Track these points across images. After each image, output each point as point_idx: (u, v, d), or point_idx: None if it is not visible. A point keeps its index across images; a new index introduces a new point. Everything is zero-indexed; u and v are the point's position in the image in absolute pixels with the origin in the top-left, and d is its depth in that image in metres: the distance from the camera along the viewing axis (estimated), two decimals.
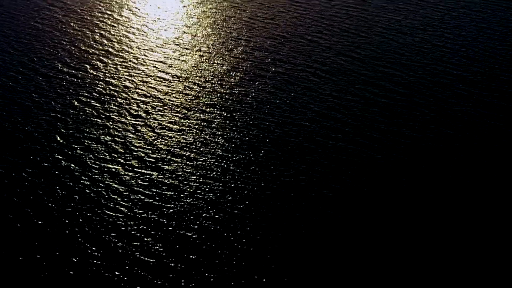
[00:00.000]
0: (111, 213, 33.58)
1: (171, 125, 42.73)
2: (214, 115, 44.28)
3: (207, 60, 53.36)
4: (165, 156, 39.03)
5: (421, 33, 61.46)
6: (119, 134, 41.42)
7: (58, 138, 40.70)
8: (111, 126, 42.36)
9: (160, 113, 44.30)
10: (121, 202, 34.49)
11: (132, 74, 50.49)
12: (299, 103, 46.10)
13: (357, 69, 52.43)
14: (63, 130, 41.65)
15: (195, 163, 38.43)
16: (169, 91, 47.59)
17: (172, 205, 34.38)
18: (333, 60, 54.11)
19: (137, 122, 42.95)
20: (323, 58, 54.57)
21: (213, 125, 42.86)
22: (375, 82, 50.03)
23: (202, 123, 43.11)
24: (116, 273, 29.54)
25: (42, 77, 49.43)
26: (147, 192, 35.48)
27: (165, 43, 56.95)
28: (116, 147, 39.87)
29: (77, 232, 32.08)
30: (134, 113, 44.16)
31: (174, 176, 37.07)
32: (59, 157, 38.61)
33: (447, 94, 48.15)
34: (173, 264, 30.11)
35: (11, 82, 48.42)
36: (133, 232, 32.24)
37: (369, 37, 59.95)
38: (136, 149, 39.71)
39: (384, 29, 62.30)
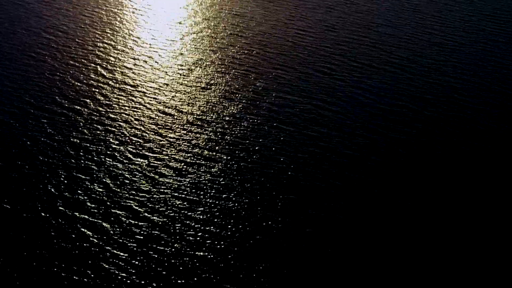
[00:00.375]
0: (110, 259, 31.29)
1: (174, 164, 40.59)
2: (220, 153, 42.19)
3: (213, 94, 51.45)
4: (168, 197, 36.81)
5: (433, 63, 59.72)
6: (121, 174, 39.27)
7: (55, 181, 38.54)
8: (112, 165, 40.23)
9: (163, 150, 42.21)
10: (121, 248, 32.20)
11: (135, 108, 48.52)
12: (308, 139, 44.01)
13: (369, 102, 50.46)
14: (61, 171, 39.50)
15: (198, 205, 36.21)
16: (174, 127, 45.57)
17: (176, 258, 32.10)
18: (343, 93, 52.18)
19: (139, 161, 40.83)
20: (332, 89, 52.68)
21: (218, 164, 40.73)
22: (387, 116, 48.00)
23: (207, 162, 40.99)
24: None
25: (40, 112, 47.44)
26: (149, 235, 33.20)
27: (170, 76, 55.12)
28: (116, 187, 37.69)
29: (75, 273, 29.74)
30: (137, 152, 42.07)
31: (176, 218, 34.84)
32: (57, 200, 36.42)
33: (465, 129, 46.05)
34: None
35: (6, 118, 46.43)
36: (133, 276, 29.91)
37: (380, 67, 58.21)
38: (136, 192, 37.53)
39: (395, 59, 60.61)
